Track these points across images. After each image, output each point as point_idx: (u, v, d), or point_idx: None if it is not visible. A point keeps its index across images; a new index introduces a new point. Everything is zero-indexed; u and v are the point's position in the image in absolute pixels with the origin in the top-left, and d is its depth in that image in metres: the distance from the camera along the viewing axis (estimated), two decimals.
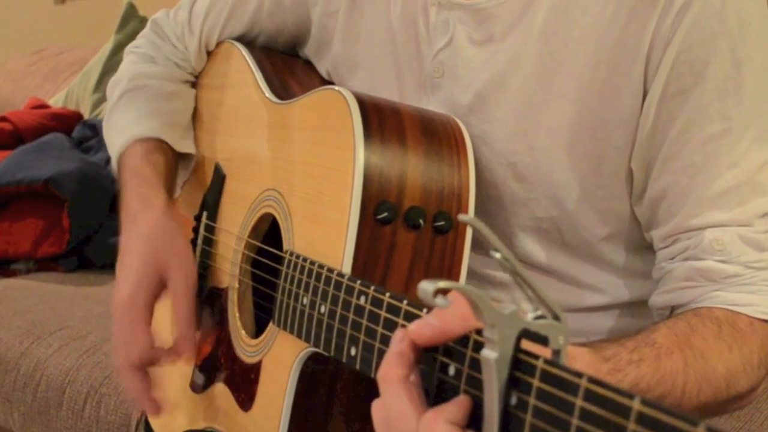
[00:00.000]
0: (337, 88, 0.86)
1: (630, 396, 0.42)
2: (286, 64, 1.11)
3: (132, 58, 1.18)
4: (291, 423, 0.83)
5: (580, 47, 0.85)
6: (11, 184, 2.03)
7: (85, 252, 2.07)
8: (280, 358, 0.86)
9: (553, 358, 0.50)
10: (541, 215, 0.90)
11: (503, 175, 0.90)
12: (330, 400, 0.84)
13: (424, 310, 0.61)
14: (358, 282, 0.71)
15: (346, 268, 0.78)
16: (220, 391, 0.98)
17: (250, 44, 1.12)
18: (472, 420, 0.52)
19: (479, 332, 0.53)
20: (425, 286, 0.50)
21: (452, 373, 0.55)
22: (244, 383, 0.92)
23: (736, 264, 0.81)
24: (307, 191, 0.87)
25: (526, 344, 0.50)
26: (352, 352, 0.70)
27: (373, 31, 1.01)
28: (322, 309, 0.76)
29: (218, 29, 1.13)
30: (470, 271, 0.86)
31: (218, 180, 1.08)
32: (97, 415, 1.46)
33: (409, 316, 0.62)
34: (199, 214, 1.11)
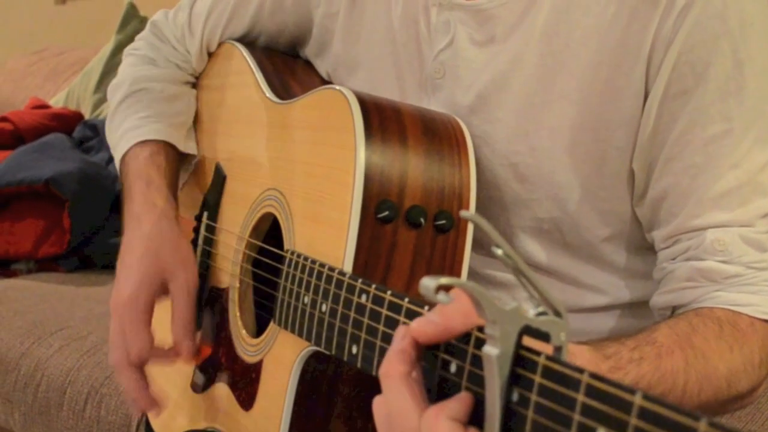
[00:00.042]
0: (338, 87, 0.86)
1: (632, 391, 0.42)
2: (287, 65, 1.11)
3: (131, 60, 1.18)
4: (292, 422, 0.83)
5: (581, 48, 0.85)
6: (12, 184, 2.03)
7: (86, 252, 2.07)
8: (281, 358, 0.86)
9: (554, 355, 0.50)
10: (543, 216, 0.90)
11: (504, 175, 0.90)
12: (331, 399, 0.84)
13: (426, 308, 0.60)
14: (360, 280, 0.71)
15: (347, 267, 0.78)
16: (221, 390, 0.98)
17: (251, 45, 1.12)
18: (474, 416, 0.52)
19: (481, 329, 0.53)
20: (427, 283, 0.50)
21: (454, 371, 0.55)
22: (244, 383, 0.92)
23: (737, 264, 0.82)
24: (308, 191, 0.87)
25: (528, 341, 0.50)
26: (354, 350, 0.70)
27: (374, 31, 1.01)
28: (323, 308, 0.76)
29: (219, 30, 1.13)
30: (471, 271, 0.86)
31: (219, 180, 1.08)
32: (98, 415, 1.46)
33: (411, 314, 0.62)
34: (200, 215, 1.11)
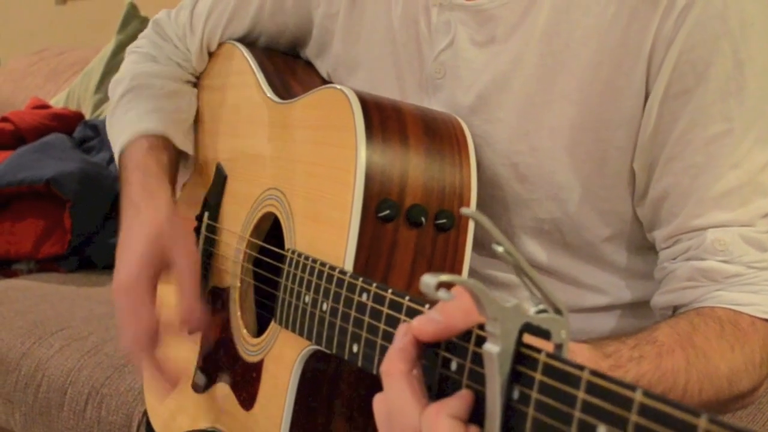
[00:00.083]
0: (339, 87, 0.86)
1: (632, 388, 0.42)
2: (288, 65, 1.11)
3: (134, 58, 1.18)
4: (293, 421, 0.83)
5: (581, 48, 0.85)
6: (12, 185, 2.03)
7: (87, 252, 2.07)
8: (282, 357, 0.86)
9: (555, 352, 0.50)
10: (543, 216, 0.90)
11: (505, 175, 0.90)
12: (332, 398, 0.84)
13: (426, 306, 0.60)
14: (360, 279, 0.71)
15: (348, 266, 0.78)
16: (222, 390, 0.98)
17: (252, 45, 1.13)
18: (474, 414, 0.52)
19: (481, 327, 0.52)
20: (428, 280, 0.50)
21: (454, 368, 0.55)
22: (245, 382, 0.92)
23: (738, 264, 0.81)
24: (309, 190, 0.87)
25: (529, 338, 0.50)
26: (354, 349, 0.70)
27: (374, 31, 1.01)
28: (324, 306, 0.76)
29: (220, 30, 1.13)
30: (472, 271, 0.86)
31: (220, 180, 1.08)
32: (99, 415, 1.46)
33: (412, 312, 0.62)
34: (201, 215, 1.11)
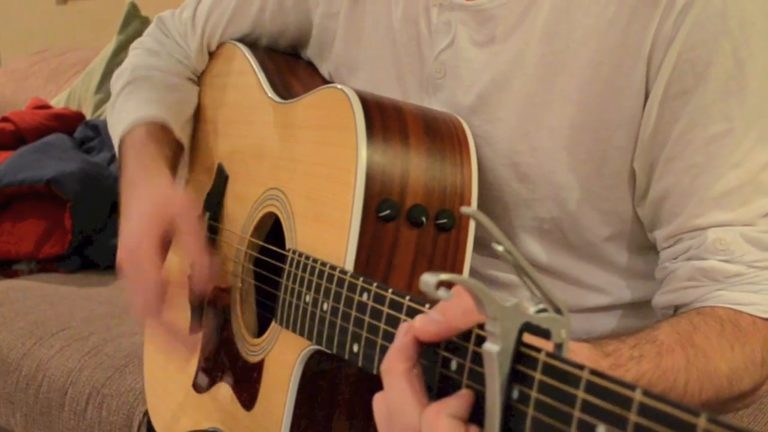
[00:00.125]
0: (340, 86, 0.86)
1: (632, 387, 0.42)
2: (289, 65, 1.11)
3: (136, 53, 1.20)
4: (293, 422, 0.83)
5: (581, 48, 0.85)
6: (13, 185, 2.03)
7: (87, 253, 2.07)
8: (283, 357, 0.86)
9: (555, 352, 0.50)
10: (544, 216, 0.90)
11: (506, 175, 0.90)
12: (332, 398, 0.84)
13: (427, 306, 0.60)
14: (361, 279, 0.71)
15: (349, 266, 0.78)
16: (223, 390, 0.98)
17: (253, 45, 1.13)
18: (474, 414, 0.52)
19: (481, 326, 0.52)
20: (428, 279, 0.50)
21: (454, 368, 0.55)
22: (246, 382, 0.92)
23: (739, 263, 0.81)
24: (310, 190, 0.87)
25: (528, 338, 0.50)
26: (355, 348, 0.70)
27: (374, 31, 1.01)
28: (325, 306, 0.76)
29: (220, 29, 1.14)
30: (473, 271, 0.86)
31: (221, 180, 1.08)
32: (99, 416, 1.46)
33: (412, 312, 0.62)
34: (202, 215, 1.11)
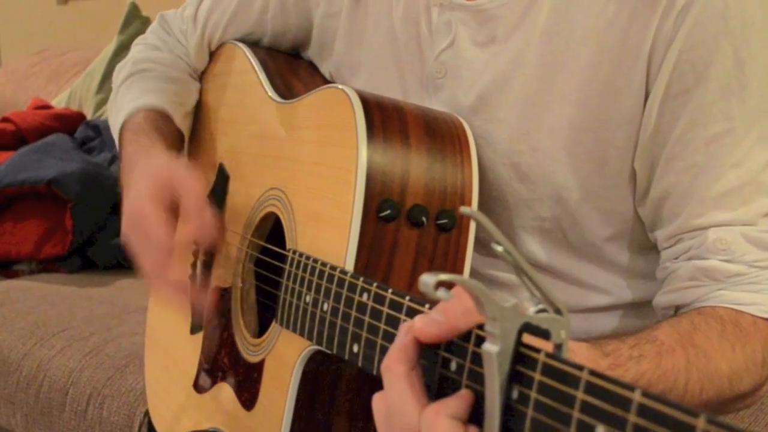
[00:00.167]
0: (341, 86, 0.86)
1: (631, 388, 0.42)
2: (290, 65, 1.11)
3: (139, 48, 1.21)
4: (294, 421, 0.83)
5: (581, 48, 0.85)
6: (14, 185, 2.03)
7: (88, 253, 2.07)
8: (283, 357, 0.86)
9: (554, 352, 0.50)
10: (544, 216, 0.90)
11: (506, 175, 0.90)
12: (333, 399, 0.84)
13: (427, 306, 0.60)
14: (361, 279, 0.71)
15: (349, 266, 0.78)
16: (224, 391, 0.98)
17: (254, 45, 1.13)
18: (474, 414, 0.52)
19: (481, 327, 0.52)
20: (427, 279, 0.50)
21: (454, 368, 0.55)
22: (246, 382, 0.92)
23: (739, 263, 0.81)
24: (310, 190, 0.87)
25: (528, 338, 0.50)
26: (355, 349, 0.70)
27: (375, 31, 1.01)
28: (325, 306, 0.76)
29: (221, 28, 1.14)
30: (473, 271, 0.86)
31: (222, 180, 1.08)
32: (100, 416, 1.46)
33: (412, 313, 0.62)
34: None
